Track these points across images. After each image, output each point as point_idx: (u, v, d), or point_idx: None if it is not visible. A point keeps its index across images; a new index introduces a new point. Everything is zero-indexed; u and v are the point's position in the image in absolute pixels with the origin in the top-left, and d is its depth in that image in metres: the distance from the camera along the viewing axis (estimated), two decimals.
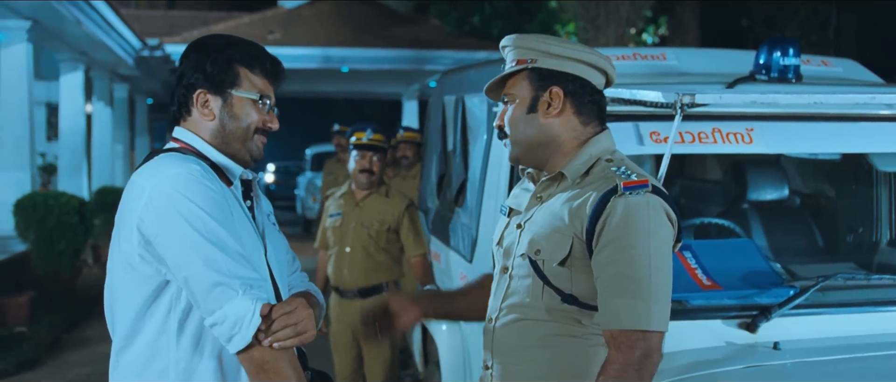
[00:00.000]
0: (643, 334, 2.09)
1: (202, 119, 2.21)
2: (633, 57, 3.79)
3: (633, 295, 2.11)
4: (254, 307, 1.98)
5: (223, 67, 2.19)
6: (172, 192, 2.02)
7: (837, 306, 2.95)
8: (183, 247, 2.00)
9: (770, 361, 2.67)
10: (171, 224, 2.00)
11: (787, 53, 3.31)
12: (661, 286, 2.13)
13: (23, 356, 7.44)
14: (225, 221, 2.04)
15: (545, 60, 2.32)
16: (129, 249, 2.06)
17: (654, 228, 2.14)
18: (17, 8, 10.03)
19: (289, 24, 17.86)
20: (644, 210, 2.15)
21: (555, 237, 2.25)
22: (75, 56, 13.43)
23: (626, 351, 2.09)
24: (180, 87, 2.22)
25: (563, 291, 2.24)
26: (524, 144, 2.36)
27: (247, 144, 2.23)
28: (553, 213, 2.28)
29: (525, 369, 2.31)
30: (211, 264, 1.98)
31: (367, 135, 5.15)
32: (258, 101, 2.22)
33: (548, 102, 2.32)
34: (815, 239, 4.20)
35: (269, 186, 27.28)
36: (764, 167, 4.28)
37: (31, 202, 9.66)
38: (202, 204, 2.01)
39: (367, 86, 22.13)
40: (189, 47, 2.26)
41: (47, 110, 18.36)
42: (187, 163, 2.09)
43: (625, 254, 2.12)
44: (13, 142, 10.52)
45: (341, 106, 29.94)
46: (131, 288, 2.10)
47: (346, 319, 5.13)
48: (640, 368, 2.08)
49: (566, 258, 2.22)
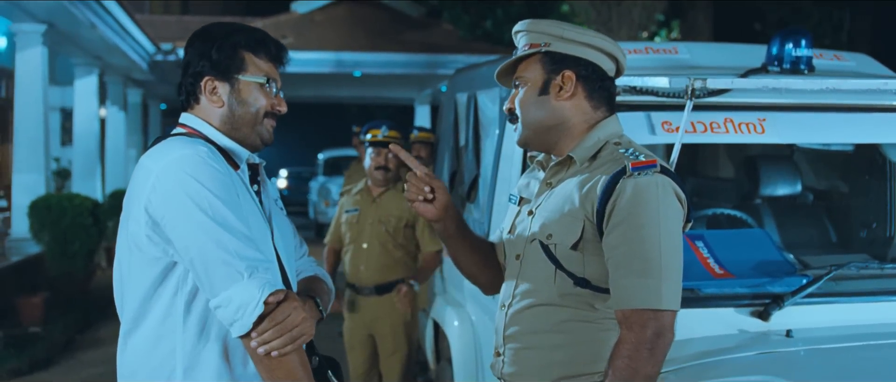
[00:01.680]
0: (655, 313, 2.09)
1: (211, 106, 2.22)
2: (645, 51, 3.78)
3: (643, 274, 2.11)
4: (260, 294, 1.97)
5: (229, 53, 2.21)
6: (180, 173, 2.02)
7: (850, 295, 2.94)
8: (190, 228, 2.01)
9: (783, 348, 2.66)
10: (178, 204, 2.01)
11: (800, 44, 3.30)
12: (672, 265, 2.13)
13: (37, 355, 7.49)
14: (232, 203, 2.05)
15: (558, 44, 2.33)
16: (137, 230, 2.07)
17: (663, 208, 2.15)
18: (33, 11, 10.10)
19: (302, 28, 17.91)
20: (653, 190, 2.16)
21: (566, 220, 2.25)
22: (90, 60, 13.51)
23: (638, 330, 2.09)
24: (187, 76, 2.24)
25: (576, 275, 2.24)
26: (534, 127, 2.37)
27: (256, 129, 2.24)
28: (563, 197, 2.29)
29: (537, 354, 2.30)
30: (218, 244, 1.99)
31: (383, 132, 5.14)
32: (265, 85, 2.24)
33: (559, 85, 2.33)
34: (828, 234, 4.19)
35: (282, 191, 27.35)
36: (777, 162, 4.26)
37: (46, 204, 9.72)
38: (209, 186, 2.02)
39: (380, 91, 22.16)
40: (193, 36, 2.27)
41: (62, 115, 18.46)
42: (195, 145, 2.10)
43: (635, 234, 2.13)
44: (28, 144, 10.58)
45: (354, 111, 30.01)
46: (138, 270, 2.11)
47: (361, 316, 5.12)
48: (652, 347, 2.08)
49: (578, 241, 2.23)
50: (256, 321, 1.98)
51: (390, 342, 5.09)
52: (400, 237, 5.09)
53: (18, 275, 9.30)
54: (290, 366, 2.04)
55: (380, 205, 5.14)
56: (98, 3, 10.96)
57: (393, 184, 5.19)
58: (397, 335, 5.07)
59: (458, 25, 18.10)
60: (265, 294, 1.98)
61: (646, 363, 2.08)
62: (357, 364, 5.20)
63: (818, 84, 2.69)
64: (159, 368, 2.12)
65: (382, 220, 5.08)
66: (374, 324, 5.10)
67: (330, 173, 19.85)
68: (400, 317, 5.05)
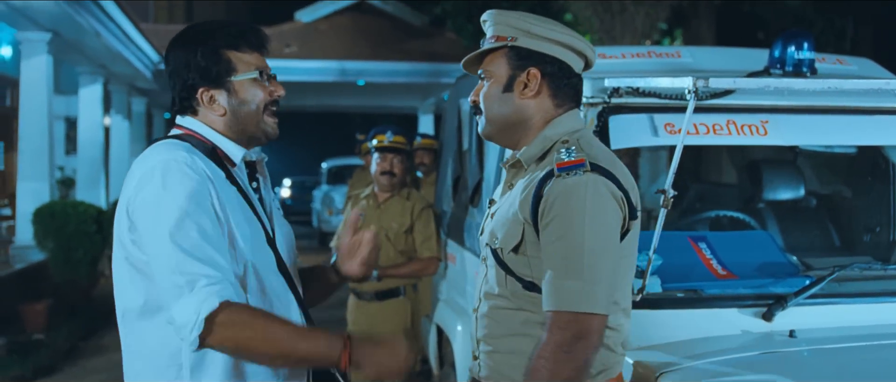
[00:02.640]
0: (575, 316, 2.05)
1: (212, 114, 2.21)
2: (648, 55, 3.79)
3: (566, 275, 2.07)
4: (197, 312, 1.93)
5: (215, 58, 2.18)
6: (152, 180, 2.03)
7: (853, 296, 2.94)
8: (149, 239, 2.02)
9: (786, 348, 2.66)
10: (144, 213, 2.03)
11: (802, 47, 3.30)
12: (600, 267, 2.08)
13: (40, 362, 7.48)
14: (198, 213, 2.01)
15: (525, 40, 2.27)
16: (121, 232, 2.09)
17: (591, 208, 2.09)
18: (38, 19, 10.15)
19: (305, 37, 17.96)
20: (581, 190, 2.10)
21: (509, 224, 2.23)
22: (94, 69, 13.56)
23: (557, 333, 2.06)
24: (180, 89, 2.21)
25: (524, 278, 2.22)
26: (497, 123, 2.33)
27: (260, 125, 2.23)
28: (511, 201, 2.27)
29: (505, 357, 2.28)
30: (167, 258, 1.97)
31: (388, 138, 5.14)
32: (259, 78, 2.22)
33: (524, 83, 2.28)
34: (831, 238, 4.19)
35: (285, 201, 27.35)
36: (780, 167, 4.27)
37: (50, 211, 9.73)
38: (176, 194, 2.01)
39: (383, 100, 22.20)
40: (173, 44, 2.24)
41: (66, 124, 18.52)
42: (176, 150, 2.09)
43: (560, 236, 2.09)
44: (33, 152, 10.62)
45: (357, 120, 30.03)
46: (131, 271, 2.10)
47: (363, 322, 5.12)
48: (569, 350, 2.04)
49: (519, 244, 2.20)
50: (203, 334, 1.94)
51: None
52: (401, 243, 5.09)
53: (22, 282, 9.31)
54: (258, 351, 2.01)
55: (384, 212, 5.14)
56: (103, 12, 11.01)
57: (398, 190, 5.19)
58: None
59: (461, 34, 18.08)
60: (204, 309, 1.93)
61: (563, 366, 2.04)
62: None
63: (820, 84, 2.70)
64: (166, 369, 2.10)
65: (385, 227, 5.09)
66: (375, 330, 5.10)
67: (333, 182, 19.86)
68: (401, 323, 5.06)
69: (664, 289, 2.84)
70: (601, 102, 3.07)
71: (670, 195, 2.62)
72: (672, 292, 2.85)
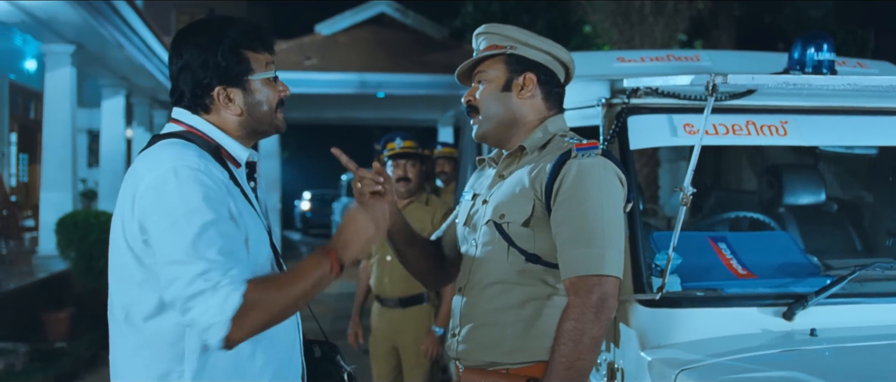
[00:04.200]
0: (599, 278, 2.27)
1: (228, 113, 2.19)
2: (667, 58, 3.80)
3: (588, 244, 2.29)
4: (221, 311, 1.91)
5: (235, 58, 2.17)
6: (167, 187, 1.98)
7: (874, 296, 2.92)
8: (164, 245, 1.96)
9: (807, 346, 2.64)
10: (159, 219, 1.97)
11: (822, 48, 3.28)
12: (614, 236, 2.32)
13: (62, 370, 7.56)
14: (215, 220, 1.98)
15: (523, 49, 2.56)
16: (133, 236, 2.03)
17: (605, 186, 2.35)
18: (62, 32, 10.28)
19: (326, 50, 18.05)
20: (595, 170, 2.36)
21: (517, 200, 2.43)
22: (117, 81, 13.70)
23: (584, 295, 2.27)
24: (193, 86, 2.18)
25: (527, 251, 2.41)
26: (494, 121, 2.57)
27: (274, 122, 2.25)
28: (515, 182, 2.47)
29: (490, 330, 2.44)
30: (194, 267, 1.93)
31: (398, 144, 5.14)
32: (272, 79, 2.23)
33: (521, 85, 2.55)
34: (852, 242, 4.15)
35: (305, 214, 27.42)
36: (800, 171, 4.24)
37: (73, 220, 9.82)
38: (192, 202, 1.97)
39: (403, 113, 22.24)
40: (183, 40, 2.20)
41: (89, 137, 18.70)
42: (187, 153, 2.05)
43: (579, 209, 2.32)
44: (56, 162, 10.73)
45: (377, 133, 30.12)
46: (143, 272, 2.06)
47: (386, 328, 5.12)
48: (597, 311, 2.26)
49: (529, 218, 2.40)
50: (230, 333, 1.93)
51: (413, 354, 5.08)
52: None
53: (45, 291, 9.39)
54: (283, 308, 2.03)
55: None
56: (126, 24, 11.13)
57: (416, 196, 5.19)
58: (420, 347, 5.07)
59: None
60: (227, 306, 1.92)
61: (592, 325, 2.25)
62: (381, 374, 5.20)
63: (840, 81, 2.69)
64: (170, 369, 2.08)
65: None
66: (397, 336, 5.10)
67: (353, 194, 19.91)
68: (423, 330, 5.05)
69: (684, 288, 2.83)
70: (620, 103, 3.08)
71: (689, 193, 2.63)
72: (692, 291, 2.84)
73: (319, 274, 2.08)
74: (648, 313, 2.77)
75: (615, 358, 2.85)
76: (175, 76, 2.21)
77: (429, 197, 5.22)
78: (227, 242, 1.97)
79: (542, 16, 15.87)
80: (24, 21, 9.67)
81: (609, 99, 3.11)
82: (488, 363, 2.44)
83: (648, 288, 2.81)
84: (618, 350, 2.84)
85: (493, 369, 2.44)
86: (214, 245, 1.94)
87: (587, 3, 13.20)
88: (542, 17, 16.00)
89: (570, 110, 3.40)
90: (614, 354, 2.86)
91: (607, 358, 2.87)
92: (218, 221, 1.97)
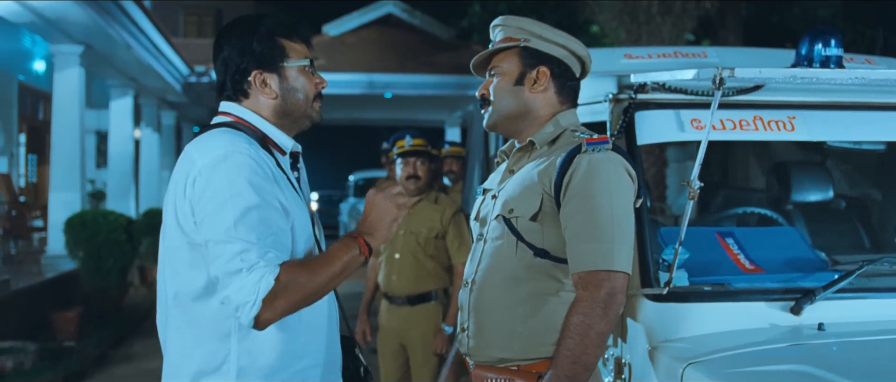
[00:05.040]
0: (608, 274, 2.26)
1: (264, 98, 2.29)
2: (675, 55, 3.79)
3: (597, 239, 2.28)
4: (254, 293, 2.00)
5: (269, 44, 2.27)
6: (217, 172, 2.09)
7: (882, 291, 2.91)
8: (211, 225, 2.07)
9: (815, 340, 2.63)
10: (211, 200, 2.08)
11: (829, 44, 3.27)
12: (624, 231, 2.31)
13: (71, 369, 7.58)
14: (263, 204, 2.09)
15: (537, 42, 2.54)
16: (184, 218, 2.14)
17: (615, 181, 2.34)
18: (71, 32, 10.32)
19: (333, 50, 18.09)
20: (606, 165, 2.34)
21: (526, 195, 2.42)
22: (125, 82, 13.74)
23: (592, 290, 2.26)
24: (232, 74, 2.29)
25: (535, 246, 2.40)
26: (505, 113, 2.57)
27: (308, 113, 2.34)
28: (524, 177, 2.48)
29: (500, 327, 2.43)
30: (233, 247, 2.03)
31: (408, 142, 5.14)
32: (308, 67, 2.32)
33: (534, 79, 2.54)
34: (861, 240, 4.14)
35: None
36: (808, 169, 4.23)
37: (81, 220, 9.85)
38: (241, 188, 2.07)
39: (410, 113, 22.28)
40: (225, 32, 2.33)
41: (97, 138, 18.75)
42: (238, 141, 2.15)
43: (588, 204, 2.31)
44: (65, 162, 10.77)
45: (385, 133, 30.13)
46: (193, 254, 2.16)
47: (394, 326, 5.13)
48: (606, 306, 2.25)
49: (537, 213, 2.40)
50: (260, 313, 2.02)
51: (421, 352, 5.09)
52: (430, 248, 5.09)
53: (53, 291, 9.43)
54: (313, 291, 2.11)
55: (412, 216, 5.14)
56: (134, 24, 11.17)
57: (425, 194, 5.20)
58: (428, 345, 5.07)
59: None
60: (262, 287, 2.01)
61: (599, 320, 2.24)
62: (389, 372, 5.20)
63: (847, 75, 2.68)
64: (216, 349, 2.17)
65: (414, 231, 5.09)
66: (405, 334, 5.11)
67: (361, 195, 19.97)
68: (431, 328, 5.06)
69: (691, 283, 2.82)
70: (627, 98, 3.08)
71: (696, 187, 2.62)
72: (699, 285, 2.84)
73: (349, 257, 2.17)
74: (656, 307, 2.76)
75: (622, 353, 2.85)
76: (219, 69, 2.33)
77: (438, 195, 5.22)
78: (268, 226, 2.07)
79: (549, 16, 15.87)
80: (33, 21, 9.71)
81: (616, 94, 3.11)
82: (498, 359, 2.45)
83: (656, 283, 2.81)
84: (625, 345, 2.84)
85: (503, 365, 2.44)
86: (255, 228, 2.04)
87: (594, 2, 13.20)
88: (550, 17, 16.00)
89: (578, 106, 3.40)
90: (621, 349, 2.85)
91: (615, 353, 2.86)
92: (261, 206, 2.07)
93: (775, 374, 2.42)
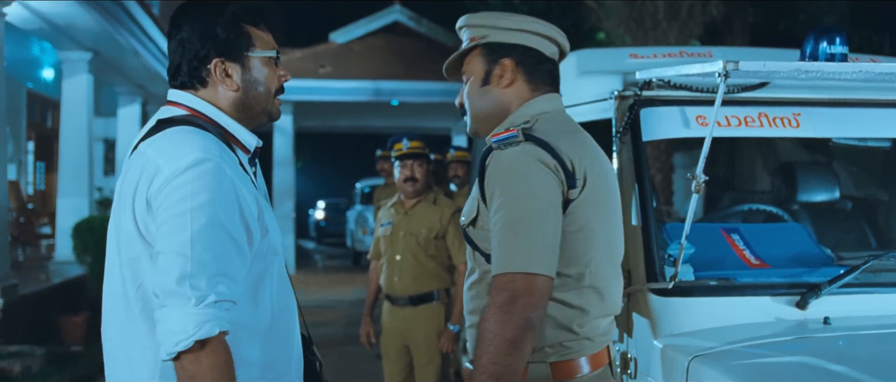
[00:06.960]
0: (512, 276, 2.10)
1: (224, 89, 2.09)
2: (680, 54, 3.80)
3: (504, 240, 2.13)
4: (194, 330, 1.82)
5: (235, 30, 2.07)
6: (185, 178, 1.89)
7: (888, 285, 2.91)
8: (168, 234, 1.88)
9: (821, 334, 2.64)
10: (170, 207, 1.89)
11: (834, 42, 3.27)
12: (533, 230, 2.12)
13: (78, 373, 7.61)
14: (223, 221, 1.90)
15: (496, 34, 2.38)
16: (147, 229, 1.95)
17: (522, 176, 2.15)
18: (79, 39, 10.37)
19: (340, 58, 18.13)
20: (511, 160, 2.17)
21: (470, 201, 2.32)
22: (133, 89, 13.78)
23: (496, 294, 2.11)
24: (190, 59, 2.07)
25: (484, 251, 2.29)
26: (480, 116, 2.42)
27: (268, 108, 2.16)
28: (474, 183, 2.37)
29: (473, 333, 2.33)
30: (185, 267, 1.84)
31: (405, 145, 5.19)
32: (273, 59, 2.14)
33: (499, 74, 2.37)
34: (867, 239, 4.14)
35: (320, 223, 27.44)
36: (814, 169, 4.24)
37: (89, 225, 9.88)
38: (203, 199, 1.88)
39: (417, 121, 22.26)
40: (183, 11, 2.10)
41: (105, 146, 18.80)
42: (209, 145, 1.95)
43: (498, 205, 2.15)
44: (73, 168, 10.81)
45: None
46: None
47: (397, 327, 5.15)
48: (508, 310, 2.08)
49: (475, 218, 2.27)
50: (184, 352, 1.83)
51: (424, 352, 5.10)
52: (431, 248, 5.12)
53: (61, 296, 9.46)
54: None
55: (412, 218, 5.17)
56: (142, 31, 11.22)
57: (424, 195, 5.23)
58: (431, 345, 5.09)
59: None
60: (202, 331, 1.83)
61: (503, 325, 2.07)
62: (393, 373, 5.22)
63: (853, 68, 2.69)
64: None
65: (414, 232, 5.12)
66: (409, 334, 5.13)
67: (367, 202, 19.98)
68: (434, 328, 5.08)
69: (696, 278, 2.83)
70: (632, 95, 3.09)
71: (701, 180, 2.63)
72: (705, 280, 2.85)
73: None
74: (661, 302, 2.77)
75: (628, 348, 2.86)
76: (173, 51, 2.11)
77: (437, 196, 5.27)
78: (225, 249, 1.90)
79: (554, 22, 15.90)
80: (41, 28, 9.77)
81: (621, 91, 3.13)
82: None
83: (661, 278, 2.82)
84: (631, 340, 2.85)
85: None
86: (212, 248, 1.87)
87: (600, 9, 13.21)
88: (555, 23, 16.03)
89: (584, 104, 3.42)
90: (627, 344, 2.86)
91: (621, 348, 2.87)
92: (224, 225, 1.90)
93: (781, 367, 2.43)
